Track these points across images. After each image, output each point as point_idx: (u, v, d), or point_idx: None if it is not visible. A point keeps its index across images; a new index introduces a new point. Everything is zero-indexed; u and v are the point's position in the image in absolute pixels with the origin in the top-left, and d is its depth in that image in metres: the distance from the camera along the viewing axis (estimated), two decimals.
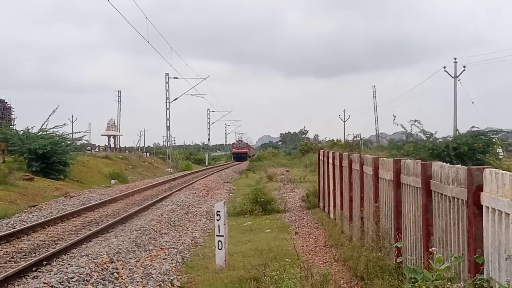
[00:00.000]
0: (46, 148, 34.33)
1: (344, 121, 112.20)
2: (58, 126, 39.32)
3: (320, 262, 10.88)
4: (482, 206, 5.13)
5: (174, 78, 65.59)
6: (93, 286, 9.93)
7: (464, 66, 61.86)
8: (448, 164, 6.43)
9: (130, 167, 55.77)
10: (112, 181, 40.62)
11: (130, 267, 11.54)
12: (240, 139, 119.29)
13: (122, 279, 10.63)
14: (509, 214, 4.57)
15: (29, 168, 32.73)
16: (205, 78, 67.43)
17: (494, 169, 5.07)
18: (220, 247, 10.91)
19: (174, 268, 11.37)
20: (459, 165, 6.08)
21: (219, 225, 11.05)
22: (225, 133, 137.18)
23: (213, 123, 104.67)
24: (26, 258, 12.65)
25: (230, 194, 29.12)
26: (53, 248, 13.66)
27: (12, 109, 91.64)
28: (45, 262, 11.84)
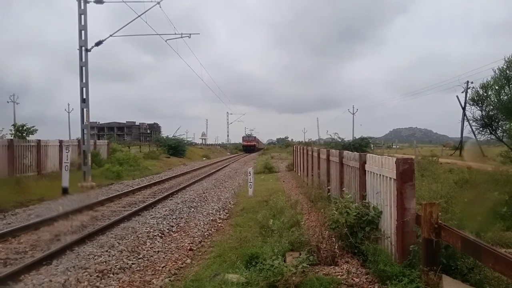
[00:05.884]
0: (175, 144, 34.41)
1: (304, 133, 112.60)
2: (180, 134, 39.45)
3: (294, 194, 10.82)
4: (366, 170, 5.12)
5: (230, 114, 66.38)
6: (195, 203, 10.07)
7: (357, 109, 62.88)
8: (350, 152, 6.42)
9: (211, 152, 55.72)
10: (204, 158, 40.65)
11: (211, 195, 11.66)
12: (250, 133, 68.00)
13: (208, 200, 10.77)
14: (377, 173, 4.55)
15: (168, 152, 32.86)
16: (243, 114, 68.96)
17: (370, 154, 5.06)
18: (250, 187, 10.96)
19: (230, 196, 11.44)
20: (356, 152, 6.05)
21: (250, 177, 11.10)
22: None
23: (246, 133, 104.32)
24: (167, 191, 12.80)
25: (255, 164, 28.96)
26: (177, 187, 13.79)
27: (160, 127, 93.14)
28: (175, 193, 12.02)
